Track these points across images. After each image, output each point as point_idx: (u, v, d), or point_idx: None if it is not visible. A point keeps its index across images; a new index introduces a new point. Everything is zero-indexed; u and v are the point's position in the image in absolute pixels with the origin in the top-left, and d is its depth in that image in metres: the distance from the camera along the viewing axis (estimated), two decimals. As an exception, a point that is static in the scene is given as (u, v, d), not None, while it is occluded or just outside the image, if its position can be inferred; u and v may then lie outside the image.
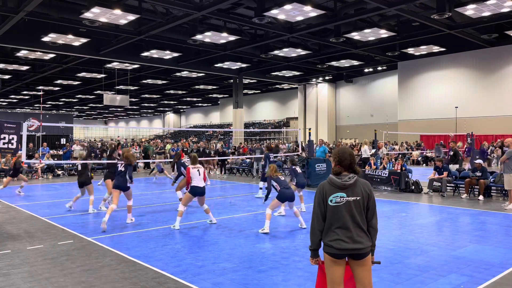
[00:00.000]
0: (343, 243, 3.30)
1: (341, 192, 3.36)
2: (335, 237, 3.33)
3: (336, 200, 3.36)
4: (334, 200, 3.36)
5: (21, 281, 5.23)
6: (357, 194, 3.37)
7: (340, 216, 3.34)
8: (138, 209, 10.53)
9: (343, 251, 3.32)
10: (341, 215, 3.34)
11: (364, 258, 3.37)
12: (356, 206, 3.35)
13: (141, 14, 17.86)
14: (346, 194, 3.36)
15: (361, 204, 3.36)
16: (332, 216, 3.37)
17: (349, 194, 3.36)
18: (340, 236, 3.32)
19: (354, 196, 3.36)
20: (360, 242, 3.31)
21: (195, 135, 49.46)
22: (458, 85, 28.18)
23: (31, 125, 29.57)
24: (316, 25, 19.89)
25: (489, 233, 7.79)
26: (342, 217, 3.34)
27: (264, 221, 8.12)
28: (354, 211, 3.34)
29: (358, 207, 3.35)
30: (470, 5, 17.13)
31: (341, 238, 3.32)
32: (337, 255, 3.35)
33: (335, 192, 3.37)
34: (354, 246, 3.29)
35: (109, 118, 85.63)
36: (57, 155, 22.47)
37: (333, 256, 3.36)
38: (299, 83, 39.18)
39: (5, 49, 24.40)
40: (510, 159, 10.24)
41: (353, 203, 3.35)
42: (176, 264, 5.91)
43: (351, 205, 3.35)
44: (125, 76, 31.91)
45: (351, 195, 3.36)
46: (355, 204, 3.35)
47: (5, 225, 8.64)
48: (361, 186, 3.40)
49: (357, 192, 3.37)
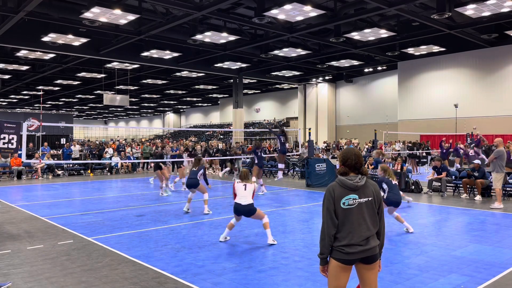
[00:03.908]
0: (358, 247, 3.16)
1: (353, 194, 3.22)
2: (348, 242, 3.18)
3: (349, 203, 3.21)
4: (346, 202, 3.21)
5: (21, 281, 5.23)
6: (369, 195, 3.24)
7: (353, 219, 3.19)
8: (138, 209, 10.53)
9: (356, 255, 3.18)
10: (354, 218, 3.19)
11: (375, 262, 3.26)
12: (368, 207, 3.23)
13: (141, 14, 17.85)
14: (358, 196, 3.22)
15: (373, 205, 3.24)
16: (344, 219, 3.21)
17: (361, 196, 3.23)
18: (354, 240, 3.17)
19: (366, 197, 3.23)
20: (373, 245, 3.20)
21: (195, 135, 49.45)
22: (458, 85, 28.17)
23: (31, 125, 29.56)
24: (316, 25, 19.89)
25: (489, 233, 7.79)
26: (355, 220, 3.19)
27: None
28: (367, 213, 3.22)
29: (370, 208, 3.23)
30: (470, 5, 17.12)
31: (355, 242, 3.17)
32: (348, 260, 3.20)
33: (347, 194, 3.22)
34: (368, 250, 3.18)
35: (109, 118, 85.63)
36: (57, 155, 22.46)
37: (344, 262, 3.21)
38: (299, 83, 39.17)
39: (5, 49, 24.39)
40: (498, 158, 10.43)
41: (365, 205, 3.23)
42: (176, 264, 5.91)
43: (364, 207, 3.22)
44: (125, 76, 31.90)
45: (363, 196, 3.23)
46: (367, 206, 3.23)
47: (5, 225, 8.64)
48: (371, 186, 3.28)
49: (368, 193, 3.24)
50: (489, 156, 11.82)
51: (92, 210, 10.35)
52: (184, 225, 8.52)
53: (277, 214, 9.77)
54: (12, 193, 13.66)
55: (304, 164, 15.17)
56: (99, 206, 10.90)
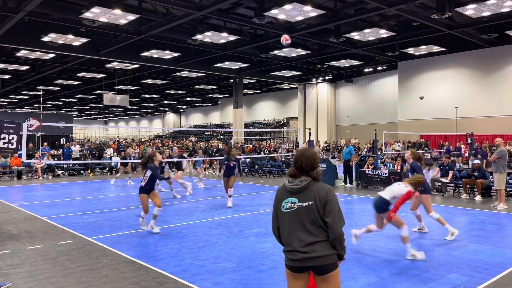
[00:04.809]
0: (299, 254, 2.95)
1: (292, 197, 3.03)
2: (289, 247, 3.03)
3: (287, 206, 3.04)
4: (285, 206, 3.05)
5: (21, 281, 5.23)
6: (309, 199, 2.98)
7: (292, 223, 3.01)
8: (138, 209, 10.53)
9: (299, 263, 2.97)
10: (293, 222, 3.00)
11: (328, 274, 2.96)
12: (308, 212, 2.97)
13: (141, 14, 17.86)
14: (298, 200, 3.01)
15: (314, 210, 2.96)
16: (284, 223, 3.06)
17: (301, 199, 3.00)
18: (294, 246, 2.98)
19: (306, 202, 2.98)
20: (321, 254, 2.93)
21: (195, 135, 49.46)
22: (458, 85, 28.17)
23: (31, 125, 29.55)
24: (316, 25, 19.89)
25: (489, 233, 7.79)
26: (294, 224, 3.00)
27: None
28: (306, 218, 2.97)
29: (311, 213, 2.96)
30: (470, 5, 17.13)
31: (295, 248, 2.98)
32: (292, 267, 3.02)
33: (287, 197, 3.06)
34: (313, 258, 2.93)
35: (109, 118, 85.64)
36: (57, 155, 22.46)
37: (290, 269, 3.04)
38: (299, 83, 39.18)
39: (5, 49, 24.40)
40: (500, 158, 10.34)
41: (305, 209, 2.98)
42: (176, 264, 5.91)
43: (303, 211, 2.98)
44: (125, 76, 31.90)
45: (303, 200, 2.99)
46: (308, 210, 2.97)
47: (5, 225, 8.64)
48: (315, 189, 3.00)
49: (309, 197, 2.99)
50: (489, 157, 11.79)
51: (92, 210, 10.35)
52: (184, 225, 8.52)
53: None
54: (12, 193, 13.66)
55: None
56: (99, 206, 10.90)
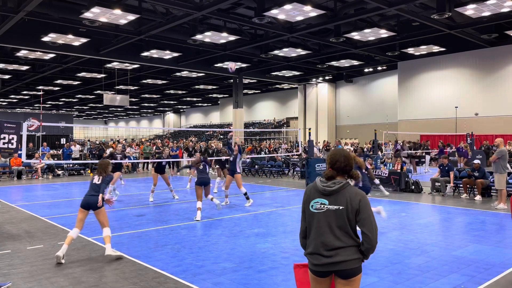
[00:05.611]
0: (323, 258, 2.87)
1: (323, 199, 2.95)
2: (312, 250, 2.94)
3: (316, 207, 2.96)
4: (314, 206, 2.97)
5: (21, 281, 5.23)
6: (341, 203, 2.89)
7: (319, 226, 2.92)
8: (138, 209, 10.53)
9: (322, 268, 2.90)
10: (321, 224, 2.92)
11: (352, 278, 2.89)
12: (338, 216, 2.88)
13: (141, 14, 17.85)
14: (329, 202, 2.92)
15: (344, 215, 2.88)
16: (311, 224, 2.98)
17: (332, 202, 2.91)
18: (318, 249, 2.90)
19: (338, 205, 2.90)
20: (346, 259, 2.85)
21: (195, 135, 49.45)
22: (458, 85, 28.16)
23: (31, 125, 29.56)
24: (316, 25, 19.88)
25: (489, 233, 7.79)
26: (321, 226, 2.91)
27: None
28: (335, 222, 2.88)
29: (340, 218, 2.88)
30: (470, 5, 17.12)
31: (319, 251, 2.90)
32: (316, 272, 2.94)
33: (317, 198, 2.98)
34: (337, 263, 2.85)
35: (109, 118, 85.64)
36: (57, 155, 22.46)
37: (314, 273, 2.96)
38: (299, 83, 39.17)
39: (5, 49, 24.38)
40: (500, 158, 10.34)
41: (334, 213, 2.89)
42: (176, 264, 5.91)
43: (332, 214, 2.90)
44: (125, 76, 31.89)
45: (334, 203, 2.91)
46: (337, 214, 2.89)
47: (5, 225, 8.64)
48: (348, 194, 2.90)
49: (340, 201, 2.90)
50: (489, 156, 11.79)
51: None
52: (184, 225, 8.52)
53: (277, 214, 9.77)
54: (12, 193, 13.66)
55: (304, 164, 15.14)
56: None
